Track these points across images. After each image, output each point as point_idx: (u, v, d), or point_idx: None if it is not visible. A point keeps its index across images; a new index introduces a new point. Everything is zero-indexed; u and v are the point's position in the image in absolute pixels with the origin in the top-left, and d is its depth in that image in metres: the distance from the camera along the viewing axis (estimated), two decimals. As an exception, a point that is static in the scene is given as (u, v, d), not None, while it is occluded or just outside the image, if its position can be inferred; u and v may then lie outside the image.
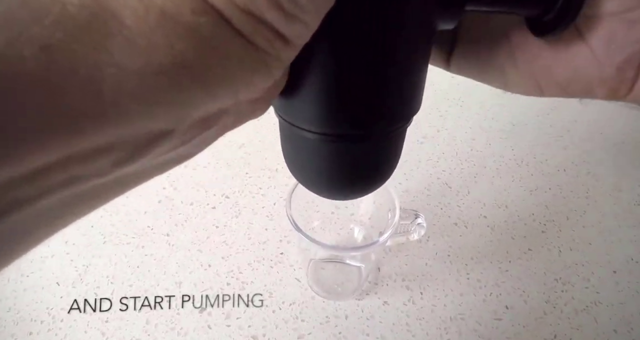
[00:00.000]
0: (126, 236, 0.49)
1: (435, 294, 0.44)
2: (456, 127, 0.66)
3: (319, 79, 0.15)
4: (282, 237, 0.49)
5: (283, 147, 0.21)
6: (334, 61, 0.15)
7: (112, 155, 0.11)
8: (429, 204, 0.54)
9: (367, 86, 0.15)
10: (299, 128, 0.17)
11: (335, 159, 0.18)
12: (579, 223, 0.52)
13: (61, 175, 0.10)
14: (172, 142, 0.12)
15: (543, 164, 0.60)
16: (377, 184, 0.21)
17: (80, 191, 0.11)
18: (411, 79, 0.17)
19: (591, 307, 0.44)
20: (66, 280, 0.45)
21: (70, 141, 0.09)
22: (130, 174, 0.12)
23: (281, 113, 0.18)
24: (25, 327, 0.41)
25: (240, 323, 0.41)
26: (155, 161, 0.13)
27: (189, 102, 0.11)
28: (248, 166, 0.58)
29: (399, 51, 0.15)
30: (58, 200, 0.11)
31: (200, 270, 0.46)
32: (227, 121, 0.14)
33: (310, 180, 0.20)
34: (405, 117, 0.18)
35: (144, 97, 0.10)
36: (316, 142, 0.18)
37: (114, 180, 0.12)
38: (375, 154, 0.19)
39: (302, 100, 0.16)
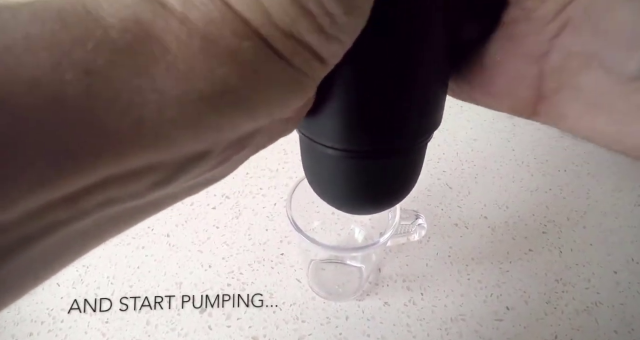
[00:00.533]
0: (126, 237, 0.49)
1: (436, 295, 0.44)
2: (457, 128, 0.66)
3: (341, 95, 0.15)
4: (282, 237, 0.49)
5: (304, 163, 0.21)
6: (358, 78, 0.15)
7: (150, 177, 0.11)
8: (429, 205, 0.54)
9: (390, 103, 0.16)
10: (321, 144, 0.17)
11: (356, 175, 0.18)
12: (580, 223, 0.52)
13: (99, 197, 0.10)
14: (209, 163, 0.12)
15: (544, 164, 0.60)
16: (398, 199, 0.21)
17: (116, 213, 0.11)
18: (434, 94, 0.17)
19: (592, 307, 0.44)
20: (66, 281, 0.45)
21: (110, 165, 0.09)
22: (165, 195, 0.12)
23: (302, 129, 0.18)
24: (25, 328, 0.41)
25: (241, 324, 0.41)
26: (191, 183, 0.13)
27: (229, 127, 0.11)
28: (248, 166, 0.58)
29: (424, 68, 0.15)
30: (93, 221, 0.11)
31: (200, 270, 0.46)
32: (260, 141, 0.14)
33: (331, 195, 0.20)
34: (428, 132, 0.18)
35: (185, 123, 0.10)
36: (338, 159, 0.18)
37: (149, 202, 0.12)
38: (397, 169, 0.19)
39: (324, 116, 0.16)
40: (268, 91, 0.11)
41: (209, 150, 0.12)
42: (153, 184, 0.11)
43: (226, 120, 0.11)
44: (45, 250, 0.10)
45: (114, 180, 0.10)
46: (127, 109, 0.09)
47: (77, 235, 0.11)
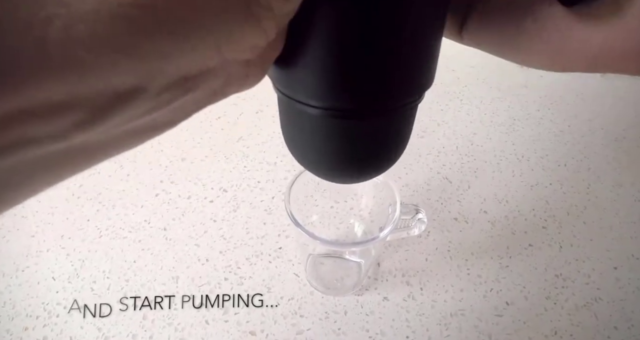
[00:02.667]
0: (122, 230, 0.48)
1: (436, 290, 0.44)
2: (456, 122, 0.65)
3: (323, 46, 0.13)
4: (280, 231, 0.49)
5: (282, 125, 0.19)
6: (342, 25, 0.13)
7: (71, 114, 0.09)
8: (429, 199, 0.53)
9: (378, 55, 0.14)
10: (300, 103, 0.16)
11: (340, 137, 0.17)
12: (580, 219, 0.52)
13: (9, 134, 0.08)
14: (145, 103, 0.10)
15: (544, 159, 0.59)
16: (384, 167, 0.19)
17: (41, 155, 0.10)
18: (427, 48, 0.15)
19: (591, 303, 0.44)
20: (62, 275, 0.44)
21: (13, 95, 0.08)
22: (99, 140, 0.11)
23: (279, 86, 0.16)
24: (20, 323, 0.40)
25: (239, 318, 0.41)
26: (128, 127, 0.11)
27: (158, 53, 0.09)
28: (246, 159, 0.57)
29: (415, 16, 0.13)
30: (15, 164, 0.09)
31: (197, 265, 0.45)
32: (214, 84, 0.12)
33: (311, 161, 0.19)
34: (418, 91, 0.16)
35: (100, 45, 0.08)
36: (319, 119, 0.16)
37: (81, 147, 0.10)
38: (384, 132, 0.17)
39: (304, 70, 0.14)
40: (205, 13, 0.09)
41: (141, 87, 0.10)
42: (76, 122, 0.09)
43: (152, 44, 0.09)
44: None
45: (25, 115, 0.08)
46: (27, 26, 0.07)
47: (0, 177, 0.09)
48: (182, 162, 0.57)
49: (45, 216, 0.50)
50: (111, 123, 0.10)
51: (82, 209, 0.51)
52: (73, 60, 0.08)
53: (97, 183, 0.54)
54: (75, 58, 0.08)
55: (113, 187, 0.53)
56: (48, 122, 0.09)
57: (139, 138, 0.12)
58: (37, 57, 0.08)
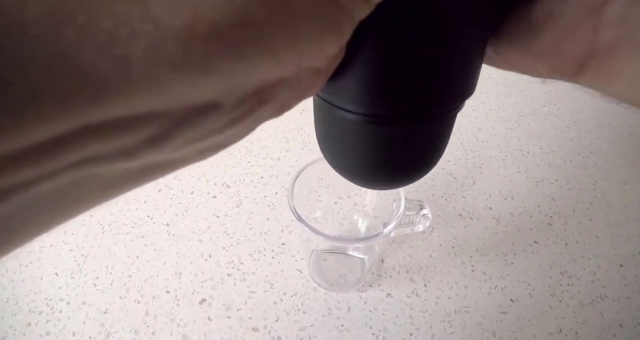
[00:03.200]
0: (125, 226, 0.48)
1: (440, 287, 0.44)
2: (461, 117, 0.65)
3: (369, 53, 0.13)
4: (283, 227, 0.49)
5: (318, 131, 0.19)
6: (387, 33, 0.13)
7: (143, 131, 0.08)
8: (433, 195, 0.53)
9: (423, 63, 0.14)
10: (340, 108, 0.16)
11: (378, 144, 0.16)
12: (586, 215, 0.51)
13: (76, 152, 0.08)
14: (220, 118, 0.10)
15: (549, 155, 0.59)
16: (420, 175, 0.19)
17: (104, 175, 0.09)
18: (470, 57, 0.15)
19: (597, 301, 0.43)
20: (65, 271, 0.44)
21: (84, 112, 0.07)
22: (167, 159, 0.10)
23: (320, 91, 0.16)
24: (23, 318, 0.40)
25: (241, 314, 0.41)
26: (197, 146, 0.10)
27: (244, 70, 0.09)
28: (250, 155, 0.57)
29: (465, 27, 0.14)
30: (74, 181, 0.09)
31: (200, 260, 0.45)
32: (285, 95, 0.11)
33: (349, 168, 0.19)
34: (460, 99, 0.16)
35: (187, 65, 0.08)
36: (359, 125, 0.16)
37: (147, 165, 0.10)
38: (423, 139, 0.17)
39: (347, 76, 0.14)
40: (300, 27, 0.09)
41: (218, 102, 0.09)
42: (147, 139, 0.09)
43: (243, 62, 0.08)
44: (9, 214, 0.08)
45: (95, 131, 0.08)
46: (108, 43, 0.07)
47: (50, 197, 0.09)
48: (185, 157, 0.56)
49: (48, 211, 0.50)
50: (183, 140, 0.09)
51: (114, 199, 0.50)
52: (156, 80, 0.07)
53: (100, 178, 0.54)
54: (158, 79, 0.08)
55: (116, 182, 0.53)
56: (118, 138, 0.08)
57: (203, 156, 0.11)
58: (117, 76, 0.07)
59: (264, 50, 0.09)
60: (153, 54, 0.07)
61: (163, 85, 0.08)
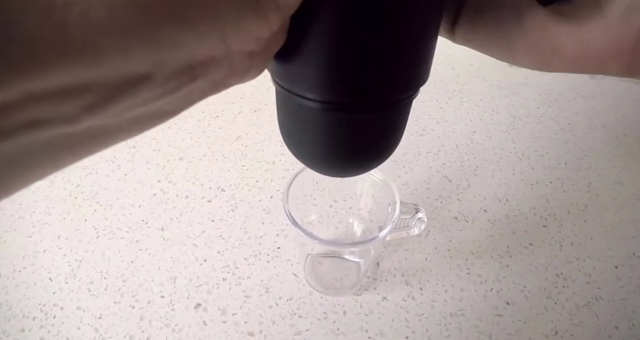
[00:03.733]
0: (120, 230, 0.48)
1: (435, 290, 0.44)
2: (456, 120, 0.65)
3: (323, 40, 0.14)
4: (279, 231, 0.49)
5: (279, 118, 0.19)
6: (342, 21, 0.13)
7: (81, 97, 0.09)
8: (428, 198, 0.53)
9: (376, 50, 0.14)
10: (298, 96, 0.16)
11: (336, 131, 0.17)
12: (580, 217, 0.51)
13: (22, 115, 0.09)
14: (152, 89, 0.11)
15: (544, 157, 0.59)
16: (380, 160, 0.20)
17: (50, 138, 0.10)
18: (424, 44, 0.15)
19: (592, 302, 0.43)
20: (59, 276, 0.44)
21: (30, 77, 0.08)
22: (106, 125, 0.11)
23: (278, 79, 0.16)
24: (17, 324, 0.40)
25: (237, 319, 0.41)
26: (134, 113, 0.11)
27: (169, 41, 0.10)
28: (245, 158, 0.57)
29: (413, 13, 0.14)
30: (25, 145, 0.10)
31: (195, 265, 0.45)
32: (217, 75, 0.12)
33: (308, 154, 0.19)
34: (415, 86, 0.17)
35: (116, 32, 0.09)
36: (317, 112, 0.16)
37: (88, 132, 0.11)
38: (380, 125, 0.17)
39: (303, 64, 0.15)
40: (217, 4, 0.10)
41: (150, 73, 0.10)
42: (86, 106, 0.10)
43: (165, 32, 0.09)
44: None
45: (38, 96, 0.08)
46: (47, 10, 0.08)
47: (8, 158, 0.10)
48: (180, 161, 0.56)
49: (42, 216, 0.49)
50: (119, 108, 0.10)
51: (79, 209, 0.50)
52: (91, 45, 0.08)
53: (94, 183, 0.53)
54: (93, 43, 0.08)
55: (110, 186, 0.53)
56: (58, 104, 0.09)
57: (143, 125, 0.13)
58: (57, 40, 0.08)
59: (183, 20, 0.10)
60: (85, 20, 0.08)
61: (97, 51, 0.09)
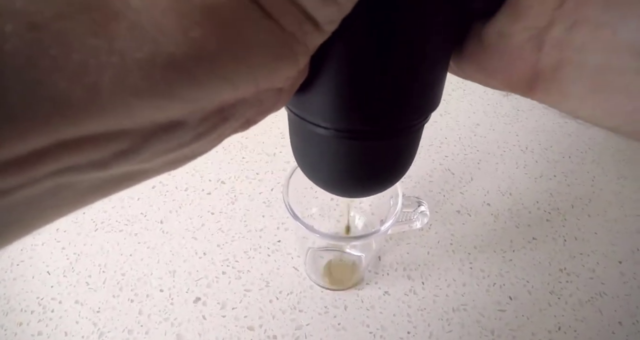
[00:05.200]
0: (118, 223, 0.47)
1: (437, 284, 0.43)
2: (459, 112, 0.64)
3: (336, 71, 0.14)
4: (279, 224, 0.48)
5: (292, 142, 0.20)
6: (355, 53, 0.14)
7: (113, 145, 0.09)
8: (431, 191, 0.52)
9: (389, 81, 0.14)
10: (311, 123, 0.16)
11: (348, 157, 0.17)
12: (584, 212, 0.51)
13: (53, 164, 0.09)
14: (185, 135, 0.11)
15: (548, 150, 0.58)
16: (391, 183, 0.20)
17: (80, 183, 0.10)
18: (436, 73, 0.16)
19: (596, 298, 0.43)
20: (57, 269, 0.43)
21: (60, 130, 0.08)
22: (138, 169, 0.11)
23: (292, 107, 0.17)
24: (15, 318, 0.40)
25: (236, 313, 0.40)
26: (166, 158, 0.11)
27: (203, 95, 0.10)
28: (245, 150, 0.56)
29: (427, 45, 0.14)
30: (53, 189, 0.09)
31: (195, 258, 0.44)
32: (248, 113, 0.12)
33: (321, 177, 0.20)
34: (426, 112, 0.17)
35: (150, 91, 0.09)
36: (330, 139, 0.17)
37: (119, 175, 0.11)
38: (392, 151, 0.18)
39: (317, 93, 0.15)
40: (252, 57, 0.10)
41: (183, 121, 0.10)
42: (117, 153, 0.09)
43: (201, 89, 0.09)
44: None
45: (69, 146, 0.08)
46: (79, 73, 0.08)
47: (34, 202, 0.09)
48: (180, 153, 0.56)
49: (39, 208, 0.49)
50: (151, 153, 0.10)
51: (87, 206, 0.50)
52: (122, 104, 0.08)
53: (92, 175, 0.53)
54: (125, 103, 0.08)
55: (109, 178, 0.52)
56: (90, 152, 0.09)
57: (173, 166, 0.12)
58: (88, 102, 0.08)
59: (220, 78, 0.10)
60: (119, 82, 0.08)
61: (129, 108, 0.09)
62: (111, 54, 0.08)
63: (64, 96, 0.08)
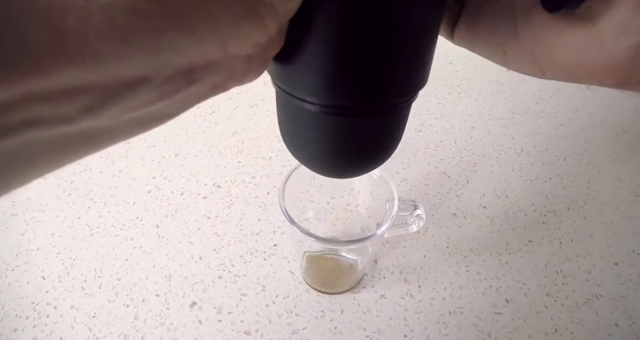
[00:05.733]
0: (114, 228, 0.47)
1: (434, 287, 0.43)
2: (455, 115, 0.64)
3: (323, 44, 0.14)
4: (275, 228, 0.48)
5: (280, 120, 0.19)
6: (342, 25, 0.13)
7: (79, 99, 0.10)
8: (427, 194, 0.52)
9: (376, 55, 0.14)
10: (299, 99, 0.16)
11: (337, 134, 0.17)
12: (580, 214, 0.51)
13: (22, 113, 0.09)
14: (149, 92, 0.11)
15: (543, 153, 0.59)
16: (379, 162, 0.20)
17: (49, 138, 0.10)
18: (423, 49, 0.16)
19: (592, 300, 0.43)
20: (52, 274, 0.43)
21: (30, 79, 0.08)
22: (104, 126, 0.11)
23: (279, 82, 0.16)
24: (9, 323, 0.39)
25: (232, 318, 0.40)
26: (132, 115, 0.11)
27: (167, 47, 0.10)
28: (241, 154, 0.56)
29: (412, 19, 0.14)
30: (24, 144, 0.10)
31: (190, 262, 0.44)
32: (216, 78, 0.12)
33: (308, 156, 0.19)
34: (414, 90, 0.17)
35: (114, 38, 0.09)
36: (317, 115, 0.16)
37: (87, 132, 0.11)
38: (379, 128, 0.18)
39: (304, 67, 0.15)
40: (213, 10, 0.10)
41: (147, 76, 0.10)
42: (84, 107, 0.10)
43: (162, 38, 0.10)
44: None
45: (38, 97, 0.09)
46: (45, 15, 0.08)
47: (7, 156, 0.10)
48: (175, 157, 0.56)
49: (35, 214, 0.49)
50: (116, 110, 0.10)
51: (73, 206, 0.50)
52: (87, 49, 0.09)
53: (88, 179, 0.53)
54: (90, 47, 0.09)
55: (105, 183, 0.52)
56: (57, 105, 0.09)
57: (141, 127, 0.13)
58: (54, 44, 0.08)
59: (181, 26, 0.10)
60: (84, 25, 0.08)
61: (94, 55, 0.09)
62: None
63: (33, 38, 0.08)
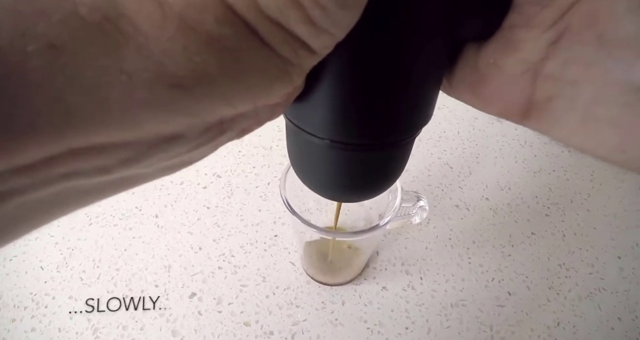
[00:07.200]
0: (113, 218, 0.47)
1: (436, 279, 0.43)
2: (457, 105, 0.63)
3: (333, 86, 0.15)
4: (276, 218, 0.47)
5: (289, 148, 0.21)
6: (351, 70, 0.14)
7: (119, 154, 0.10)
8: (429, 185, 0.52)
9: (382, 97, 0.15)
10: (307, 133, 0.17)
11: (342, 166, 0.18)
12: (584, 206, 0.51)
13: (63, 168, 0.10)
14: (184, 146, 0.12)
15: (547, 144, 0.58)
16: (384, 189, 0.21)
17: (84, 186, 0.11)
18: (428, 91, 0.16)
19: (595, 293, 0.43)
20: (50, 264, 0.43)
21: (72, 139, 0.09)
22: (137, 173, 0.12)
23: (290, 116, 0.18)
24: (7, 314, 0.39)
25: (232, 309, 0.40)
26: (165, 163, 0.12)
27: (204, 112, 0.11)
28: (241, 144, 0.56)
29: (419, 64, 0.15)
30: (59, 191, 0.10)
31: (190, 253, 0.44)
32: (244, 125, 0.13)
33: (315, 183, 0.21)
34: (418, 128, 0.18)
35: (155, 107, 0.10)
36: (325, 149, 0.17)
37: (120, 178, 0.12)
38: (385, 161, 0.19)
39: (314, 105, 0.16)
40: (250, 80, 0.11)
41: (183, 133, 0.11)
42: (122, 160, 0.10)
43: (201, 106, 0.10)
44: (6, 215, 0.10)
45: (78, 153, 0.09)
46: (92, 88, 0.09)
47: (43, 201, 0.11)
48: (175, 146, 0.55)
49: (32, 202, 0.48)
50: (152, 160, 0.11)
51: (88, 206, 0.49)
52: (130, 117, 0.09)
53: (86, 168, 0.52)
54: (133, 116, 0.09)
55: (103, 172, 0.52)
56: (97, 159, 0.10)
57: (170, 171, 0.13)
58: (99, 113, 0.09)
59: (218, 97, 0.11)
60: (127, 97, 0.09)
61: (135, 121, 0.10)
62: (120, 73, 0.09)
63: (77, 109, 0.09)
